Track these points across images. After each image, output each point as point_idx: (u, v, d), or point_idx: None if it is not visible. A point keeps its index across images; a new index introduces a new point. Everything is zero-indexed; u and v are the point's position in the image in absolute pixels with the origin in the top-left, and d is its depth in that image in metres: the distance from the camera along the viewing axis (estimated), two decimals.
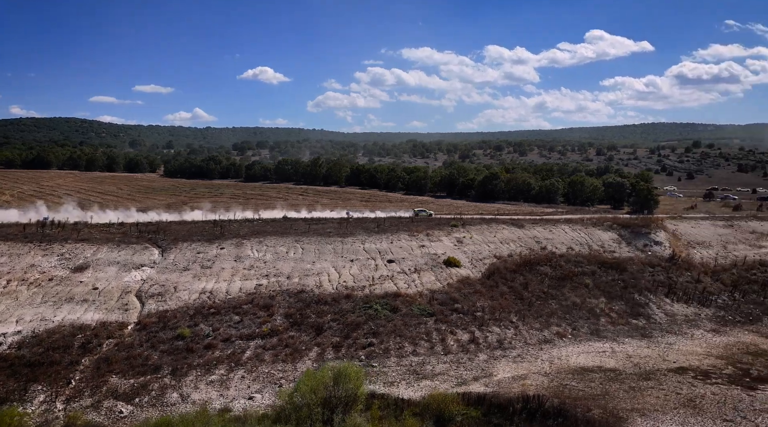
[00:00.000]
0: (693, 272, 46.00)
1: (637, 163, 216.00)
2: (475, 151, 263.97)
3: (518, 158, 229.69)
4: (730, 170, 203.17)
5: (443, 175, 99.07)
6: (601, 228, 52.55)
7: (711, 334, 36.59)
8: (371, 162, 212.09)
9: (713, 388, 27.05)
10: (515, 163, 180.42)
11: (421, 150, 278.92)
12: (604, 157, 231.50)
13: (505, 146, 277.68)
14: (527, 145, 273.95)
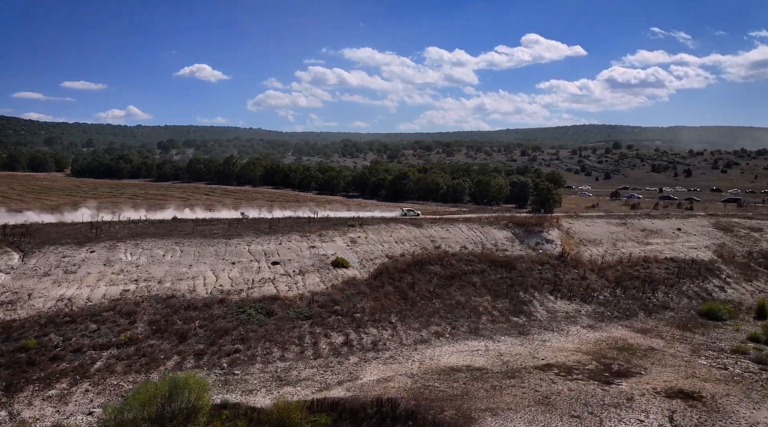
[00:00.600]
0: (580, 270, 47.59)
1: (559, 163, 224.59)
2: (404, 151, 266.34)
3: (445, 158, 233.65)
4: (645, 170, 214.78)
5: (355, 175, 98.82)
6: (497, 227, 53.58)
7: (586, 330, 37.80)
8: (299, 161, 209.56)
9: (572, 384, 27.70)
10: (441, 163, 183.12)
11: (352, 150, 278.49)
12: (528, 157, 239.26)
13: (434, 147, 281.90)
14: (456, 146, 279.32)
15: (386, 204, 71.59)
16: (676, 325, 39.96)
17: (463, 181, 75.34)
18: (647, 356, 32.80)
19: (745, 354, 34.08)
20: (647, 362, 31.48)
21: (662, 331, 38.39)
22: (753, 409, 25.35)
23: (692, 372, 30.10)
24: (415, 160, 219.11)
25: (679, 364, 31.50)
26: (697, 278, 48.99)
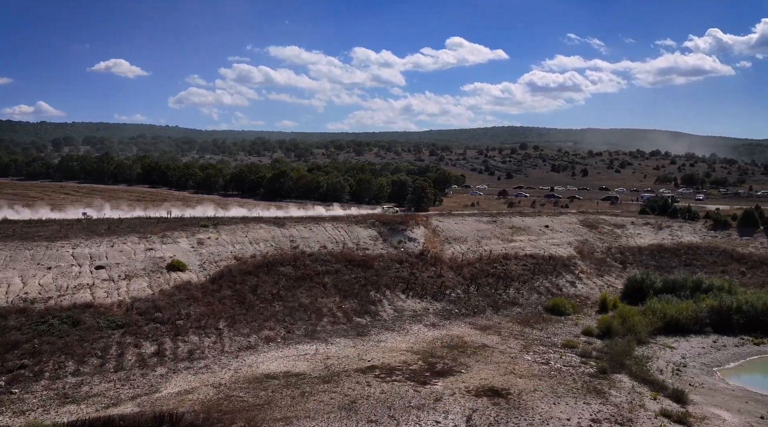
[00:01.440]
0: (438, 267, 47.79)
1: (465, 163, 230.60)
2: (314, 150, 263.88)
3: (353, 157, 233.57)
4: (545, 170, 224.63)
5: (234, 173, 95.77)
6: (363, 225, 52.95)
7: (428, 328, 37.73)
8: (201, 160, 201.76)
9: (387, 386, 27.12)
10: (347, 162, 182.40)
11: (259, 148, 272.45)
12: (436, 157, 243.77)
13: (345, 146, 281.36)
14: (365, 146, 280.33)
15: (265, 203, 69.54)
16: (519, 321, 40.84)
17: (344, 181, 74.76)
18: (477, 353, 33.01)
19: (573, 348, 35.16)
20: (473, 360, 31.62)
21: (503, 327, 39.04)
22: (552, 404, 25.79)
23: (513, 368, 30.49)
24: (323, 159, 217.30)
25: (505, 360, 31.88)
26: (552, 274, 50.67)
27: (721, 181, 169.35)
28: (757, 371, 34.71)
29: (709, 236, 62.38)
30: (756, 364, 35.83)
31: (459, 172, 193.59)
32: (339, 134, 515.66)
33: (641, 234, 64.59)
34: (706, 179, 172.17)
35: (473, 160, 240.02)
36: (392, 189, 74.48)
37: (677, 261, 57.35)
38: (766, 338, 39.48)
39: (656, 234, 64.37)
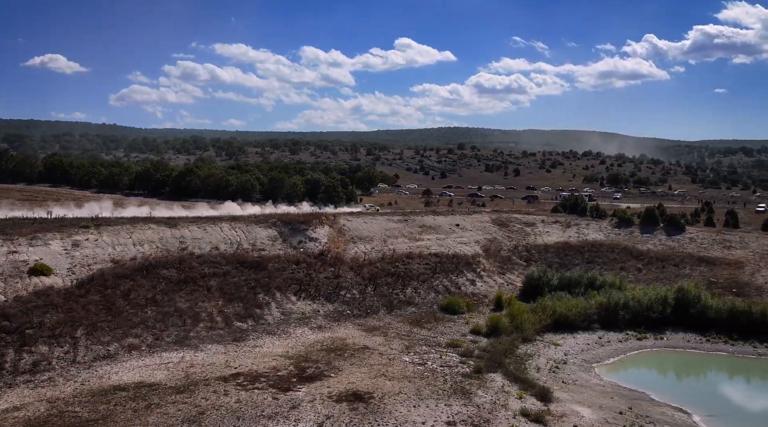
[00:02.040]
0: (338, 268, 46.80)
1: (401, 163, 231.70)
2: (247, 149, 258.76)
3: (288, 156, 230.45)
4: (479, 170, 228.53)
5: (138, 170, 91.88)
6: (263, 225, 51.28)
7: (312, 331, 36.66)
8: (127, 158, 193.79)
9: (245, 394, 25.82)
10: (278, 161, 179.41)
11: (191, 147, 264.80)
12: (372, 157, 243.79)
13: (282, 145, 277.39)
14: (303, 145, 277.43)
15: (168, 202, 66.56)
16: (411, 321, 40.39)
17: (253, 179, 72.86)
18: (355, 356, 32.17)
19: (456, 347, 34.92)
20: (348, 363, 30.75)
21: (392, 328, 38.46)
22: (412, 407, 25.22)
23: (386, 371, 29.81)
24: (255, 158, 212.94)
25: (381, 362, 31.18)
26: (453, 273, 50.65)
27: (643, 180, 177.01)
28: (633, 366, 35.51)
29: (613, 234, 64.25)
30: (634, 359, 36.71)
31: (393, 172, 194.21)
32: (288, 133, 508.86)
33: (549, 232, 65.81)
34: (630, 179, 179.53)
35: (409, 160, 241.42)
36: (306, 188, 73.35)
37: (580, 258, 58.65)
38: (648, 333, 40.62)
39: (564, 232, 65.75)
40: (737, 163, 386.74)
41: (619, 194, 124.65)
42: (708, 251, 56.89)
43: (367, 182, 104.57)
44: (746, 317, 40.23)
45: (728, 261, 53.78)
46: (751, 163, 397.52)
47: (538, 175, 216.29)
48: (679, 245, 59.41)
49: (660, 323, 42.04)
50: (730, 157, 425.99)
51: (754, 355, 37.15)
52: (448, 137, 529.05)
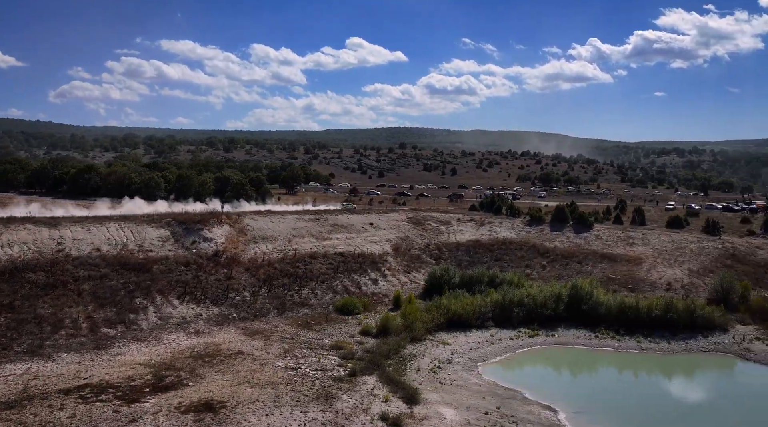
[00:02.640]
0: (232, 269, 45.01)
1: (339, 161, 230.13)
2: (179, 147, 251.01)
3: (221, 154, 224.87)
4: (418, 169, 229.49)
5: (34, 167, 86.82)
6: (156, 225, 48.77)
7: (188, 337, 34.82)
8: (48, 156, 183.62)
9: (84, 408, 23.88)
10: (209, 160, 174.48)
11: (121, 144, 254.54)
12: (310, 155, 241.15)
13: (217, 143, 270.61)
14: (239, 143, 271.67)
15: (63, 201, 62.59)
16: (301, 323, 39.13)
17: (158, 177, 69.91)
18: (225, 362, 30.62)
19: (339, 350, 33.94)
20: (213, 370, 29.17)
21: (278, 331, 37.08)
22: (264, 415, 24.00)
23: (252, 377, 28.43)
24: (187, 156, 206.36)
25: (250, 368, 29.77)
26: (357, 272, 49.71)
27: (574, 179, 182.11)
28: (517, 365, 35.45)
29: (523, 232, 64.99)
30: (521, 357, 36.69)
31: (329, 171, 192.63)
32: (238, 132, 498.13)
33: (463, 230, 65.95)
34: (562, 178, 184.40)
35: (348, 159, 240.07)
36: (216, 186, 70.95)
37: (489, 256, 58.92)
38: (541, 331, 40.83)
39: (477, 230, 66.04)
40: (669, 163, 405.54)
41: (543, 193, 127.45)
42: (612, 248, 58.26)
43: (291, 181, 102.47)
44: (634, 312, 41.08)
45: (629, 258, 55.19)
46: (682, 163, 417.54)
47: (475, 175, 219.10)
48: (585, 242, 60.64)
49: (554, 320, 42.41)
50: (663, 158, 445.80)
51: (638, 350, 37.88)
52: (398, 137, 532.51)
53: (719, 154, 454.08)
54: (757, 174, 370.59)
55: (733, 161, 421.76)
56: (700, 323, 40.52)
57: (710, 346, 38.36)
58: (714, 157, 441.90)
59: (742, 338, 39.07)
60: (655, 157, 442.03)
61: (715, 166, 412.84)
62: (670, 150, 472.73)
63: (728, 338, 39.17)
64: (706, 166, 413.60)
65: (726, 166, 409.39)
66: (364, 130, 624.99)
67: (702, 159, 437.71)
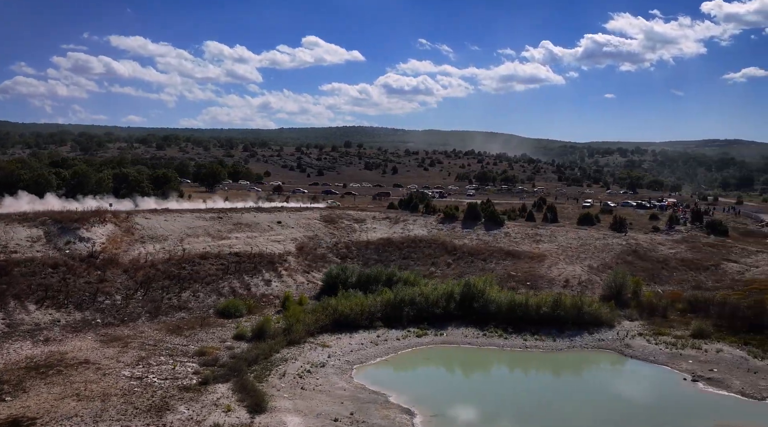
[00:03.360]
0: (106, 271, 42.28)
1: (278, 159, 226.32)
2: (109, 144, 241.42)
3: (152, 152, 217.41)
4: (359, 168, 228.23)
5: None
6: (28, 224, 45.44)
7: (35, 345, 32.14)
8: None
9: None
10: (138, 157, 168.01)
11: (47, 141, 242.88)
12: (248, 153, 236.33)
13: (152, 141, 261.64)
14: (174, 141, 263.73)
15: None
16: (172, 328, 36.99)
17: (47, 173, 66.02)
18: (62, 372, 28.28)
19: (203, 356, 32.12)
20: (43, 383, 26.87)
21: (142, 337, 34.84)
22: None
23: (85, 388, 26.29)
24: (116, 153, 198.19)
25: (89, 379, 27.57)
26: (249, 273, 47.77)
27: (510, 178, 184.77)
28: (394, 366, 34.40)
29: (436, 230, 64.47)
30: (402, 357, 35.68)
31: (266, 169, 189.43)
32: (192, 130, 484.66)
33: (376, 228, 64.90)
34: (498, 177, 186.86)
35: (288, 157, 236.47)
36: (115, 183, 67.53)
37: (398, 254, 58.02)
38: (431, 330, 40.08)
39: (390, 228, 65.11)
40: (612, 162, 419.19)
41: (473, 191, 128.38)
42: (518, 246, 58.33)
43: (211, 178, 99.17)
44: (523, 310, 40.84)
45: (533, 255, 55.31)
46: (624, 163, 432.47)
47: (416, 174, 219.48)
48: (494, 239, 60.57)
49: (446, 319, 41.76)
50: (606, 157, 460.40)
51: (522, 348, 37.53)
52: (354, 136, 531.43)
53: (660, 154, 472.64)
54: (693, 173, 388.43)
55: (671, 161, 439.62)
56: (588, 319, 40.63)
57: (594, 342, 38.42)
58: (655, 157, 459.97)
59: (626, 333, 39.34)
60: (599, 157, 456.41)
61: (655, 165, 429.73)
62: (613, 150, 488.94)
63: (612, 335, 39.36)
64: (647, 165, 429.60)
65: (665, 165, 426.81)
66: (321, 129, 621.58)
67: (643, 159, 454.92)
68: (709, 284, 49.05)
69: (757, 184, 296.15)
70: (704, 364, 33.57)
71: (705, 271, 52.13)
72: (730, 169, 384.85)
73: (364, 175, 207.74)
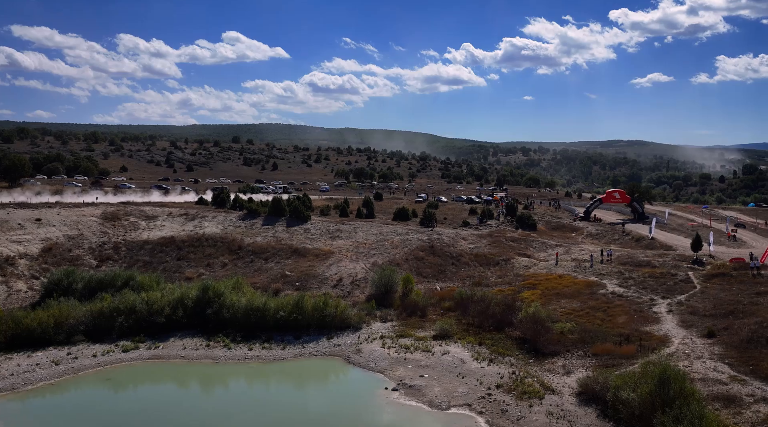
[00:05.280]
0: None
1: (146, 154, 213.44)
2: None
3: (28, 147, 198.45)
4: (236, 164, 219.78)
5: None
6: None
7: None
8: None
9: None
10: None
11: None
12: (114, 147, 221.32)
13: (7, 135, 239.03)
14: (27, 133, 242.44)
15: None
16: None
17: None
18: None
19: None
20: None
21: None
22: None
23: None
24: None
25: None
26: None
27: (387, 174, 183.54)
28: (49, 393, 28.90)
29: (233, 226, 59.56)
30: (75, 381, 30.26)
31: (130, 164, 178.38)
32: (110, 127, 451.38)
33: (165, 226, 59.08)
34: (376, 173, 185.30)
35: (159, 152, 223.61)
36: None
37: (174, 255, 52.57)
38: (147, 342, 35.14)
39: (182, 226, 59.50)
40: (514, 161, 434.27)
41: (327, 187, 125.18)
42: (312, 242, 54.60)
43: (13, 172, 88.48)
44: (257, 315, 36.83)
45: (321, 252, 51.65)
46: (524, 161, 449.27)
47: (297, 170, 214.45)
48: (290, 236, 56.57)
49: (176, 328, 37.13)
50: (509, 157, 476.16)
51: (240, 360, 33.29)
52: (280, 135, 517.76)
53: (560, 153, 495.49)
54: (588, 171, 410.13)
55: (568, 160, 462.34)
56: (331, 323, 37.25)
57: (328, 349, 34.90)
58: (555, 156, 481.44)
59: (367, 337, 36.26)
60: (501, 156, 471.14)
61: (553, 164, 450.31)
62: (516, 149, 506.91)
63: (353, 339, 36.10)
64: (545, 164, 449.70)
65: (562, 164, 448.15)
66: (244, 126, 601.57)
67: (544, 157, 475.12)
68: (492, 279, 47.44)
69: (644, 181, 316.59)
70: (421, 369, 30.82)
71: (495, 266, 50.68)
72: (622, 168, 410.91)
73: (240, 171, 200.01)
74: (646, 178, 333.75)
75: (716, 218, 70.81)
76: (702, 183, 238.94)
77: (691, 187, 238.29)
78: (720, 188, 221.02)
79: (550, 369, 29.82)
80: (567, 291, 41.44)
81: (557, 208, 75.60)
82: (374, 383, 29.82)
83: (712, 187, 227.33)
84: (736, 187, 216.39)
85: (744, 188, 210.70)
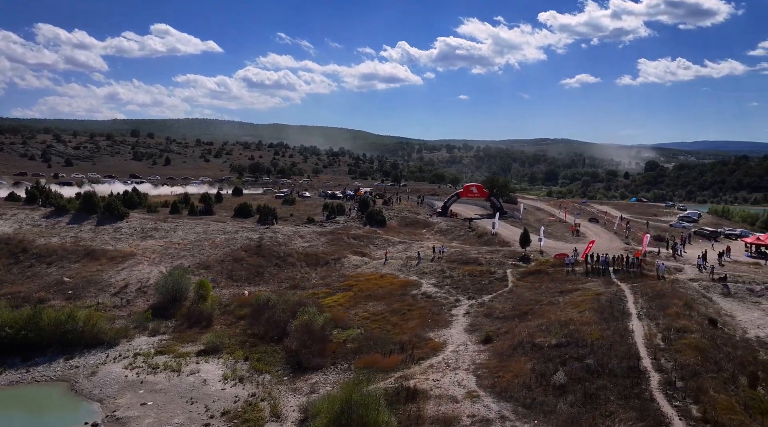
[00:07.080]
0: None
1: (20, 147, 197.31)
2: None
3: None
4: (127, 158, 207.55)
5: None
6: None
7: None
8: None
9: None
10: None
11: None
12: None
13: None
14: None
15: None
16: None
17: None
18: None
19: None
20: None
21: None
22: None
23: None
24: None
25: None
26: None
27: (287, 170, 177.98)
28: None
29: (31, 225, 52.44)
30: None
31: None
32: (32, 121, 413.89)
33: None
34: (274, 169, 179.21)
35: (37, 145, 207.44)
36: None
37: None
38: None
39: None
40: (437, 159, 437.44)
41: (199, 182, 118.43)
42: (116, 243, 48.50)
43: None
44: None
45: (117, 254, 45.69)
46: (447, 159, 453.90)
47: (193, 165, 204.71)
48: (95, 235, 50.24)
49: None
50: (433, 154, 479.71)
51: None
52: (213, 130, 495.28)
53: (483, 150, 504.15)
54: (507, 168, 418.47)
55: (489, 157, 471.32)
56: (80, 339, 31.72)
57: (61, 371, 29.50)
58: (477, 153, 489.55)
59: (118, 355, 31.03)
60: (427, 153, 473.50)
61: (475, 161, 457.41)
62: (441, 147, 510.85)
63: (97, 358, 30.74)
64: (467, 161, 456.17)
65: (484, 161, 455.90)
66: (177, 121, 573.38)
67: (467, 154, 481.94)
68: (313, 280, 43.15)
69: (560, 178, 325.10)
70: (151, 394, 26.04)
71: (324, 266, 46.47)
72: (541, 165, 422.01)
73: (128, 166, 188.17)
74: (561, 174, 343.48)
75: (582, 214, 69.98)
76: (608, 179, 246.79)
77: (599, 183, 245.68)
78: (624, 184, 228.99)
79: (298, 388, 25.74)
80: (380, 292, 37.76)
81: (420, 204, 72.77)
82: (76, 416, 24.65)
83: (617, 183, 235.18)
84: (639, 183, 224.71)
85: (645, 184, 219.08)
